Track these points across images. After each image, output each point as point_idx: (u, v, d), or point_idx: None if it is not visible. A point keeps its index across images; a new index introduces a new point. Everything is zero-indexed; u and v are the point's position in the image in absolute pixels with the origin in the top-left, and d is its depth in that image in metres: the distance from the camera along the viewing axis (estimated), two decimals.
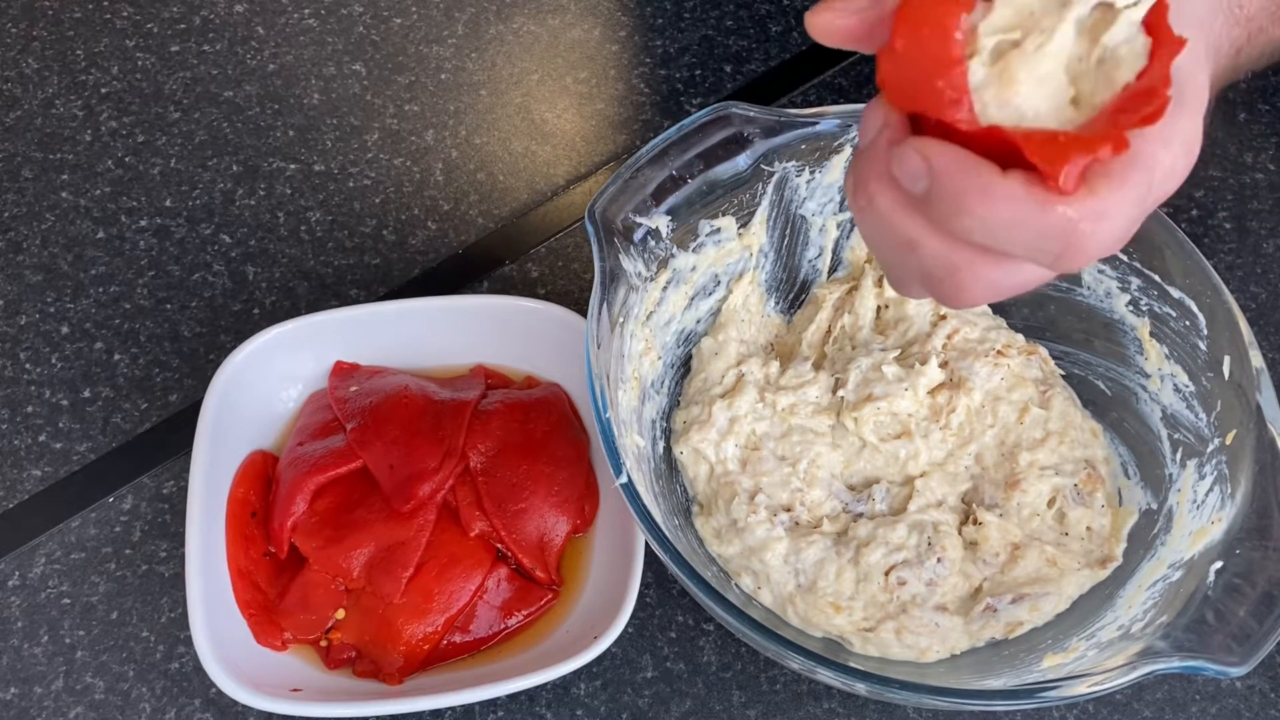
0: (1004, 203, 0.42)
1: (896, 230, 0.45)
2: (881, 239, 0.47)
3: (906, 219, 0.45)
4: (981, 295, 0.46)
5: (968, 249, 0.44)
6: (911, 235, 0.45)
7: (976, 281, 0.45)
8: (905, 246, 0.45)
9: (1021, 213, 0.42)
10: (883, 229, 0.46)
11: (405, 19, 0.98)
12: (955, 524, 0.70)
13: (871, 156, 0.46)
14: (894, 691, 0.58)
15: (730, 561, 0.70)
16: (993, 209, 0.42)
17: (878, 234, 0.47)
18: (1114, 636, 0.63)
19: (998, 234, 0.43)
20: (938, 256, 0.45)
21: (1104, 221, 0.42)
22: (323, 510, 0.71)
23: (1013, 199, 0.41)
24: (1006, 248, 0.43)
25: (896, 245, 0.46)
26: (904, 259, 0.46)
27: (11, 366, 0.82)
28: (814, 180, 0.74)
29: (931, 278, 0.46)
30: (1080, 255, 0.43)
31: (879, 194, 0.45)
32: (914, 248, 0.45)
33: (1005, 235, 0.42)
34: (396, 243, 0.87)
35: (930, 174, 0.43)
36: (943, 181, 0.42)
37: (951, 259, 0.45)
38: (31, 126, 0.92)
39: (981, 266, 0.45)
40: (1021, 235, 0.42)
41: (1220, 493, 0.64)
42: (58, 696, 0.71)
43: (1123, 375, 0.73)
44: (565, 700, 0.71)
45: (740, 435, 0.72)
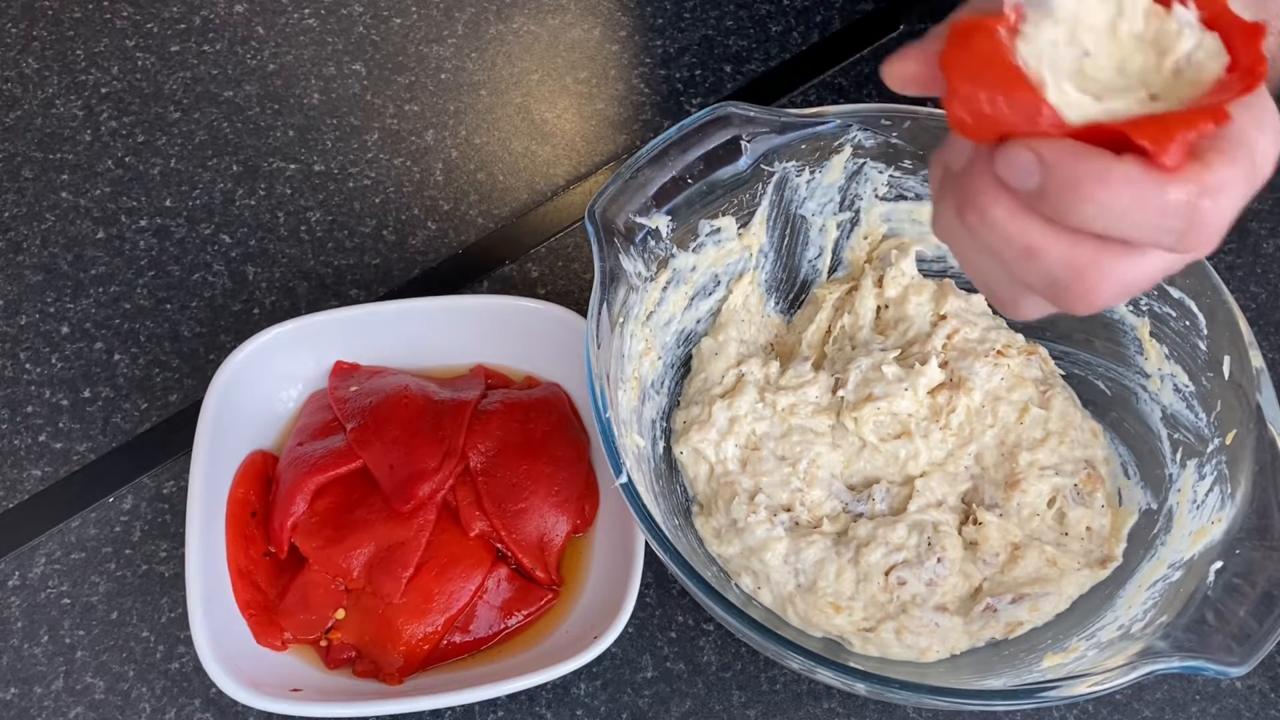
0: (1122, 184, 0.41)
1: (1015, 238, 0.44)
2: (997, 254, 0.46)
3: (1024, 223, 0.44)
4: (1111, 293, 0.45)
5: (1092, 245, 0.44)
6: (1031, 240, 0.44)
7: (1105, 279, 0.44)
8: (1025, 255, 0.45)
9: (1141, 193, 0.41)
10: (1000, 241, 0.45)
11: (405, 19, 0.98)
12: (955, 524, 0.70)
13: (971, 174, 0.45)
14: (894, 691, 0.58)
15: (730, 561, 0.70)
16: (1112, 192, 0.41)
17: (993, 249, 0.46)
18: (1114, 636, 0.63)
19: (1120, 219, 0.42)
20: (1062, 258, 0.44)
21: (1221, 195, 0.42)
22: (323, 510, 0.71)
23: (1130, 180, 0.41)
24: (1130, 233, 0.43)
25: (1016, 256, 0.45)
26: (1024, 270, 0.45)
27: (11, 366, 0.82)
28: (814, 180, 0.74)
29: (1058, 284, 0.45)
30: (1203, 231, 0.42)
31: (990, 205, 0.44)
32: (1035, 254, 0.44)
33: (1128, 219, 0.42)
34: (396, 243, 0.87)
35: (1042, 167, 0.42)
36: (1057, 171, 0.42)
37: (1077, 259, 0.44)
38: (31, 126, 0.92)
39: (1108, 261, 0.44)
40: (1144, 217, 0.42)
41: (1220, 493, 0.65)
42: (58, 696, 0.71)
43: (1123, 375, 0.73)
44: (565, 700, 0.71)
45: (740, 435, 0.72)
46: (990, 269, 0.48)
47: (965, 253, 0.48)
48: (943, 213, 0.48)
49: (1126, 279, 0.45)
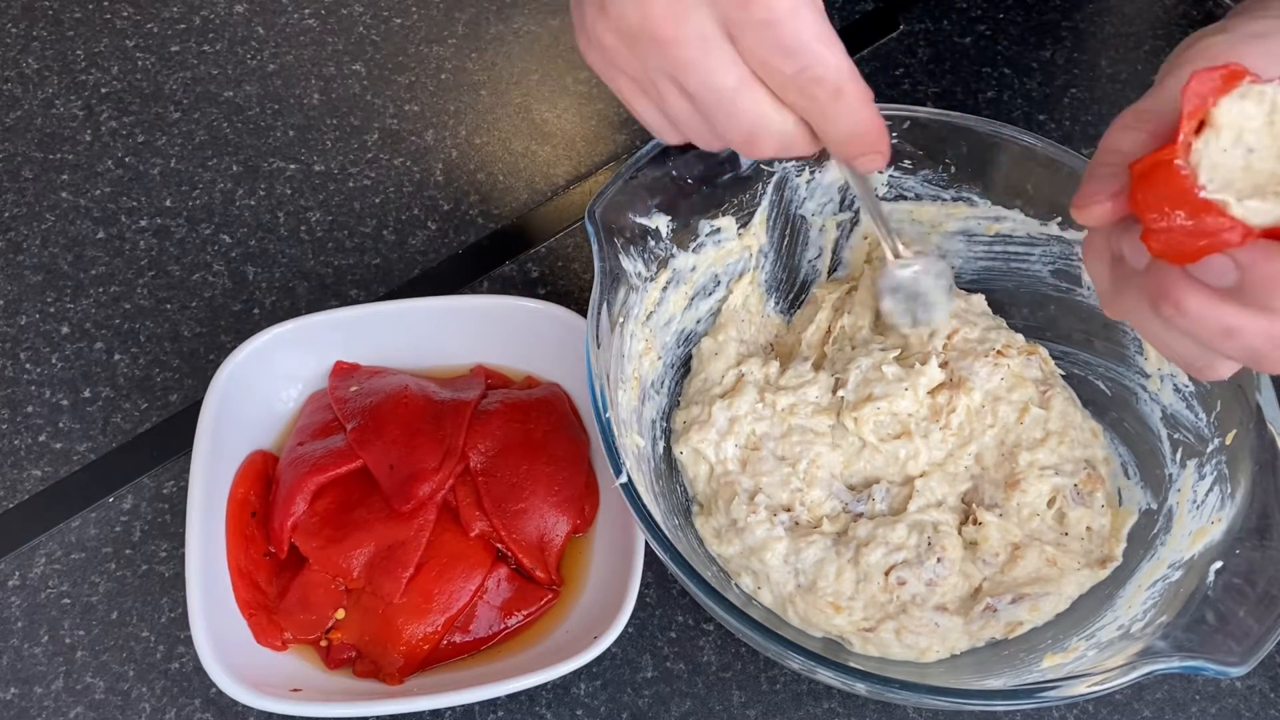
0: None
1: (1213, 323, 0.48)
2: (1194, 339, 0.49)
3: (1221, 310, 0.47)
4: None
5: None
6: (1230, 323, 0.48)
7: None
8: (1224, 335, 0.48)
9: None
10: (1198, 328, 0.48)
11: (405, 19, 0.98)
12: (955, 524, 0.70)
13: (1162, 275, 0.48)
14: (894, 691, 0.58)
15: (730, 561, 0.70)
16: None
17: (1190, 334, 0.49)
18: (1114, 636, 0.63)
19: None
20: (1262, 334, 0.48)
21: None
22: (323, 510, 0.71)
23: None
24: None
25: (1214, 336, 0.48)
26: (1223, 346, 0.49)
27: (11, 366, 0.82)
28: (814, 180, 0.74)
29: (1257, 354, 0.48)
30: None
31: (1185, 298, 0.48)
32: (1234, 334, 0.48)
33: None
34: (396, 243, 0.87)
35: (1238, 268, 0.45)
36: (1253, 270, 0.45)
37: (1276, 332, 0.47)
38: (31, 126, 0.92)
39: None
40: None
41: (1220, 492, 0.65)
42: (58, 696, 0.71)
43: (1122, 375, 0.73)
44: (565, 700, 0.71)
45: (740, 435, 0.72)
46: (1186, 348, 0.51)
47: (1158, 336, 0.52)
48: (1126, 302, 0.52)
49: None
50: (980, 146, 0.72)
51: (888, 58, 0.95)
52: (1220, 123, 0.47)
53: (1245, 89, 0.47)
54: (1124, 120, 0.51)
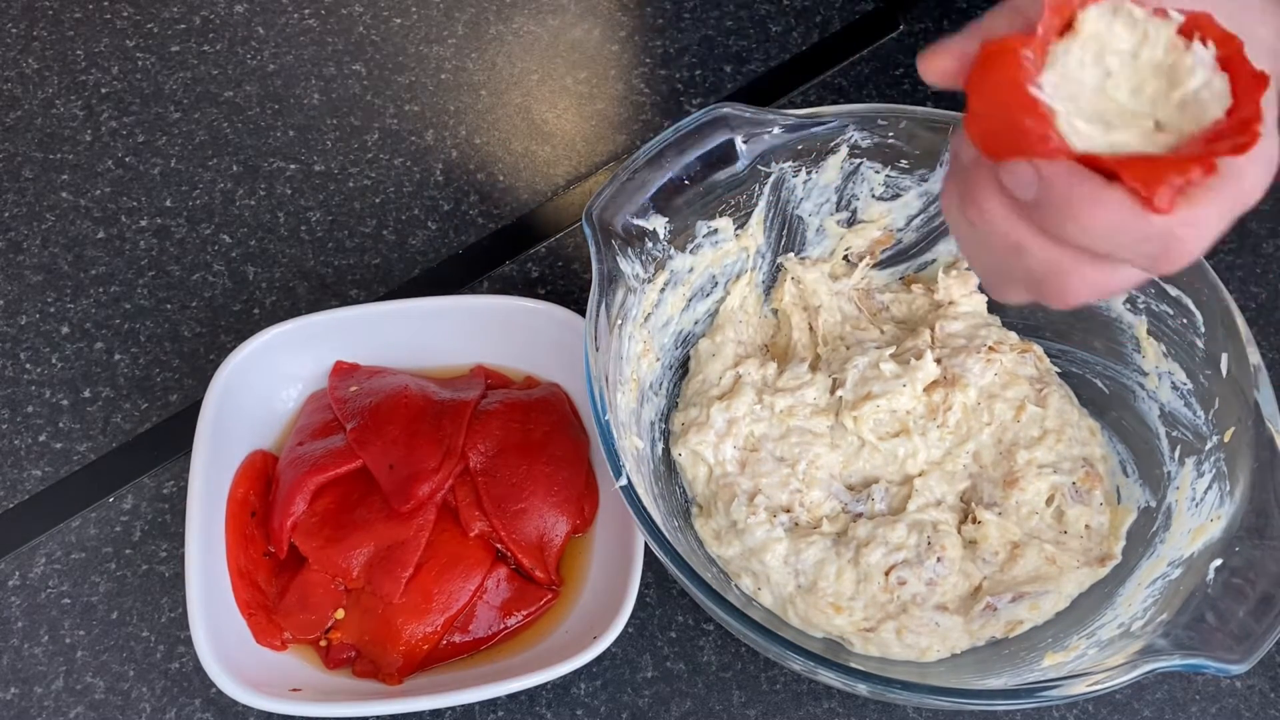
0: (1107, 212, 0.45)
1: (1007, 236, 0.48)
2: (989, 245, 0.50)
3: (1016, 224, 0.48)
4: (1085, 295, 0.49)
5: (1072, 252, 0.48)
6: (1020, 240, 0.48)
7: (1081, 283, 0.49)
8: (1013, 251, 0.49)
9: (1122, 221, 0.45)
10: (993, 235, 0.49)
11: (405, 19, 0.98)
12: (954, 523, 0.70)
13: (977, 172, 0.49)
14: (895, 692, 0.58)
15: (730, 563, 0.70)
16: (1097, 216, 0.45)
17: (986, 241, 0.50)
18: (1114, 635, 0.63)
19: (1101, 239, 0.46)
20: (1045, 260, 0.48)
21: (1198, 228, 0.45)
22: (322, 510, 0.71)
23: (1115, 209, 0.45)
24: (1109, 251, 0.47)
25: (1004, 250, 0.49)
26: (1010, 263, 0.49)
27: (11, 366, 0.82)
28: (810, 180, 0.74)
29: (1037, 280, 0.49)
30: (1177, 259, 0.46)
31: (988, 201, 0.48)
32: (1021, 252, 0.48)
33: (1108, 240, 0.46)
34: (396, 243, 0.87)
35: (1041, 182, 0.45)
36: (1050, 190, 0.45)
37: (1058, 262, 0.48)
38: (31, 126, 0.92)
39: (1086, 268, 0.48)
40: (1123, 240, 0.46)
41: (1219, 490, 0.65)
42: (58, 696, 0.71)
43: (1120, 373, 0.73)
44: (565, 700, 0.71)
45: (739, 437, 0.72)
46: (983, 255, 0.51)
47: (962, 237, 0.52)
48: (948, 197, 0.52)
49: (1099, 285, 0.49)
50: None
51: (888, 58, 0.95)
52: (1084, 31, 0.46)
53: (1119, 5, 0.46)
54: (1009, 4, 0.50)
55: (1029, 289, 0.50)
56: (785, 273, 0.78)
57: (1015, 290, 0.52)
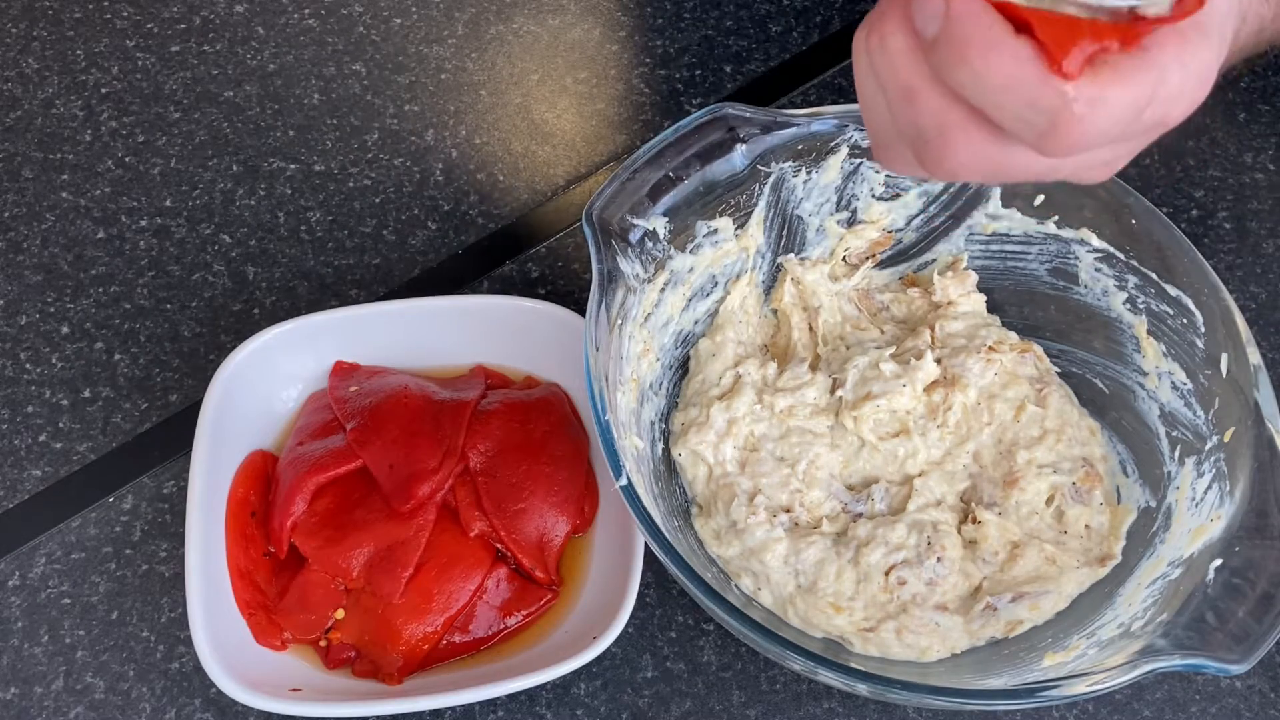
0: (1004, 61, 0.42)
1: (900, 75, 0.45)
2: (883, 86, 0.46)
3: (912, 64, 0.45)
4: (968, 163, 0.46)
5: (962, 109, 0.44)
6: (913, 83, 0.45)
7: (966, 146, 0.45)
8: (904, 94, 0.45)
9: (1018, 76, 0.41)
10: (888, 72, 0.46)
11: (405, 19, 0.98)
12: (954, 523, 0.70)
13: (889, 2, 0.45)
14: (895, 692, 0.58)
15: (730, 563, 0.70)
16: (991, 65, 0.42)
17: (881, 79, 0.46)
18: (1114, 635, 0.63)
19: (990, 93, 0.42)
20: (933, 111, 0.45)
21: (1097, 109, 0.42)
22: (322, 510, 0.71)
23: (1014, 60, 0.41)
24: (994, 111, 0.43)
25: (896, 93, 0.45)
26: (900, 112, 0.46)
27: (11, 366, 0.82)
28: (810, 180, 0.74)
29: (921, 136, 0.46)
30: (1064, 137, 0.42)
31: (892, 34, 0.45)
32: (912, 97, 0.45)
33: (997, 96, 0.42)
34: (396, 243, 0.87)
35: (945, 18, 0.42)
36: (953, 26, 0.42)
37: (946, 116, 0.45)
38: (31, 126, 0.92)
39: (974, 130, 0.45)
40: (1012, 100, 0.42)
41: (1219, 490, 0.65)
42: (58, 696, 0.71)
43: (1120, 373, 0.73)
44: (565, 700, 0.71)
45: (739, 437, 0.72)
46: (877, 103, 0.48)
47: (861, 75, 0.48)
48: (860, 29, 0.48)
49: (984, 156, 0.45)
50: None
51: None
52: None
53: None
54: None
55: (913, 148, 0.47)
56: (785, 273, 0.78)
57: (900, 152, 0.48)
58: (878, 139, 0.49)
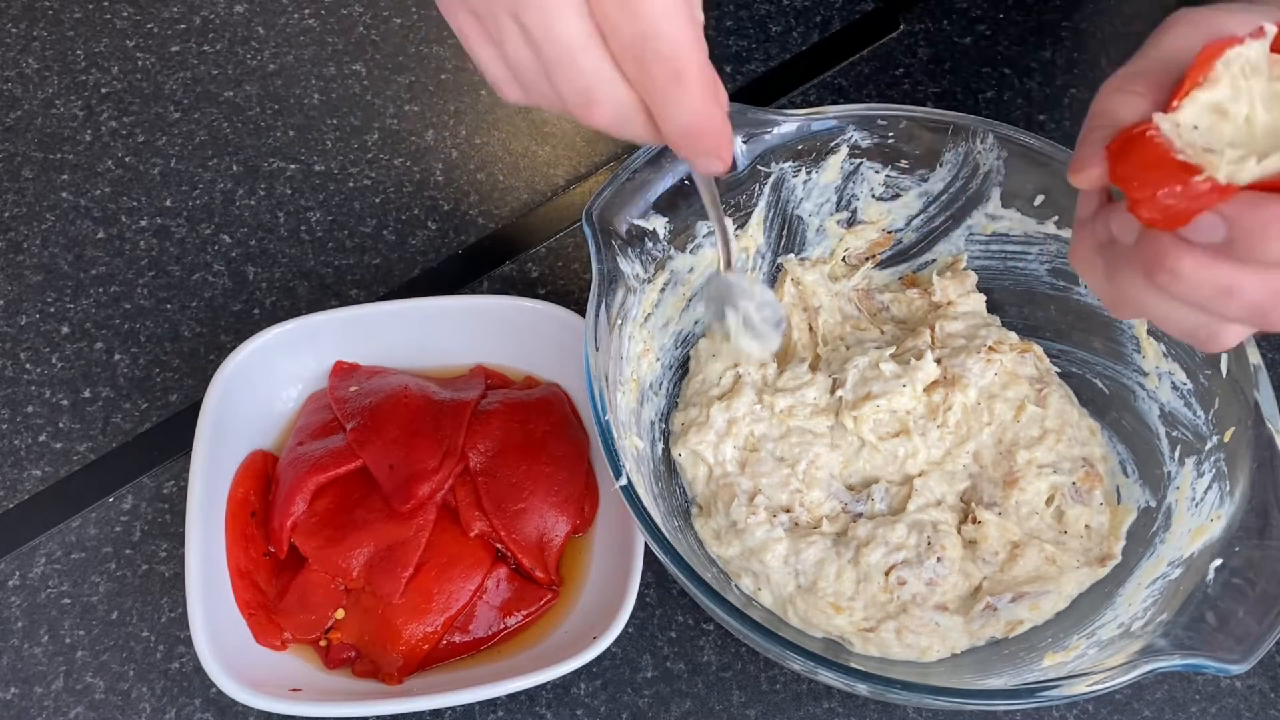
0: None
1: (1209, 282, 0.47)
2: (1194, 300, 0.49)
3: (1217, 269, 0.47)
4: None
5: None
6: (1226, 282, 0.47)
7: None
8: (1223, 294, 0.47)
9: None
10: (1194, 289, 0.48)
11: (405, 19, 0.98)
12: (954, 523, 0.70)
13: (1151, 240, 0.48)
14: (895, 692, 0.58)
15: (730, 563, 0.70)
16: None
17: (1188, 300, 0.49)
18: (1114, 635, 0.63)
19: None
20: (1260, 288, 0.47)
21: None
22: (322, 510, 0.71)
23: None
24: None
25: (1213, 296, 0.48)
26: (1224, 307, 0.48)
27: (11, 366, 0.82)
28: (810, 181, 0.74)
29: (1259, 311, 0.48)
30: None
31: (1179, 260, 0.47)
32: (1232, 292, 0.47)
33: None
34: (396, 243, 0.87)
35: (1226, 221, 0.45)
36: (1240, 221, 0.45)
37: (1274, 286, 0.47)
38: (31, 126, 0.92)
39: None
40: None
41: (1219, 490, 0.65)
42: (58, 696, 0.71)
43: (1120, 373, 0.73)
44: (565, 700, 0.71)
45: (739, 437, 0.72)
46: (1186, 317, 0.50)
47: (1157, 310, 0.51)
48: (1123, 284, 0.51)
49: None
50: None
51: (888, 58, 0.95)
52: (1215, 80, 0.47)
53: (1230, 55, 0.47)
54: (1114, 84, 0.51)
55: (1254, 323, 0.50)
56: (785, 273, 0.78)
57: (1232, 332, 0.51)
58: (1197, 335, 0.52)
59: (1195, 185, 0.46)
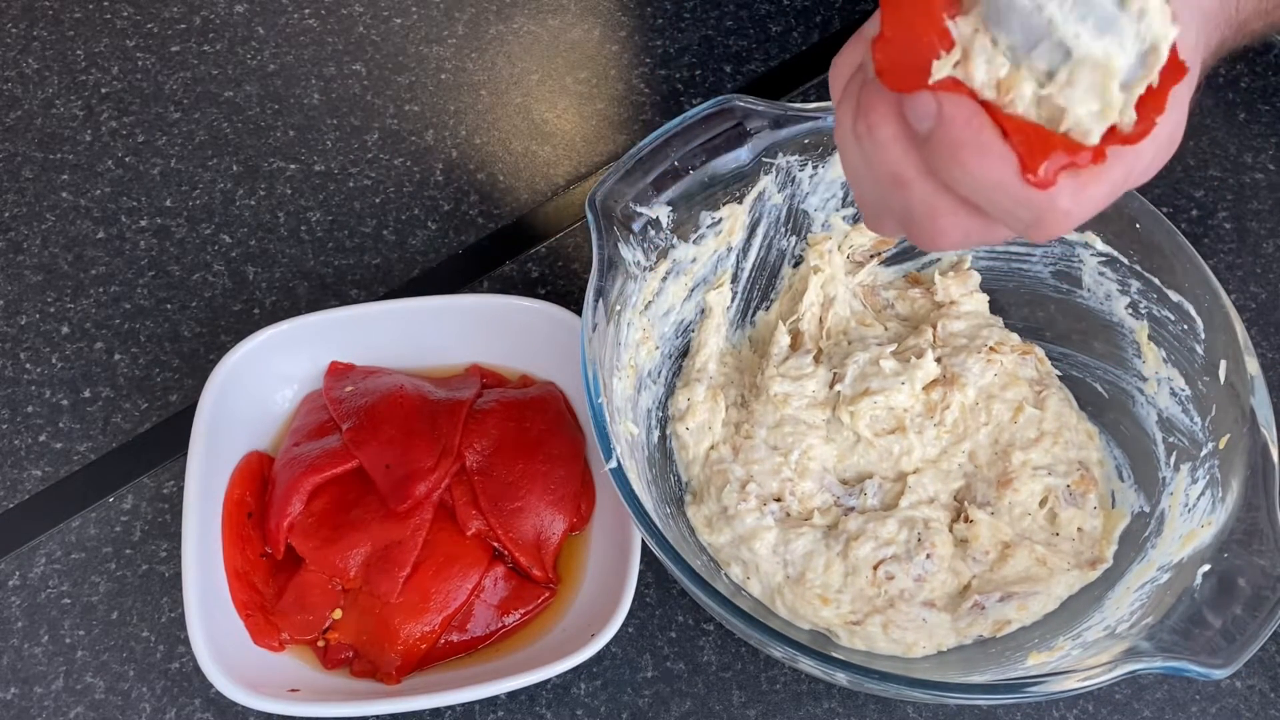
0: (995, 164, 0.43)
1: (890, 164, 0.47)
2: (872, 170, 0.48)
3: (903, 155, 0.46)
4: (955, 243, 0.48)
5: (951, 197, 0.46)
6: (904, 172, 0.46)
7: (953, 229, 0.47)
8: (894, 181, 0.47)
9: (1008, 179, 0.44)
10: (877, 160, 0.47)
11: (405, 19, 0.98)
12: (946, 521, 0.70)
13: (878, 91, 0.46)
14: (875, 682, 0.58)
15: (720, 551, 0.70)
16: (982, 167, 0.44)
17: (870, 164, 0.48)
18: (1099, 636, 0.63)
19: (980, 192, 0.45)
20: (923, 199, 0.47)
21: (1081, 203, 0.44)
22: (319, 510, 0.71)
23: (1004, 163, 0.43)
24: (985, 206, 0.45)
25: (886, 179, 0.47)
26: (889, 194, 0.48)
27: (11, 366, 0.82)
28: (817, 175, 0.74)
29: (911, 217, 0.48)
30: (1049, 229, 0.45)
31: (882, 123, 0.46)
32: (902, 185, 0.47)
33: (987, 194, 0.45)
34: (396, 243, 0.87)
35: (938, 118, 0.44)
36: (947, 128, 0.44)
37: (935, 203, 0.47)
38: (31, 126, 0.92)
39: (962, 215, 0.47)
40: (1001, 199, 0.44)
41: (1211, 496, 0.64)
42: (58, 696, 0.71)
43: (1120, 378, 0.73)
44: (565, 700, 0.71)
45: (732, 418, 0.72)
46: (865, 179, 0.49)
47: (847, 156, 0.50)
48: (843, 111, 0.49)
49: (971, 235, 0.48)
50: None
51: None
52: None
53: None
54: None
55: (902, 225, 0.49)
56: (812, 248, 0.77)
57: (889, 223, 0.51)
58: (866, 211, 0.52)
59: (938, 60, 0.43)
